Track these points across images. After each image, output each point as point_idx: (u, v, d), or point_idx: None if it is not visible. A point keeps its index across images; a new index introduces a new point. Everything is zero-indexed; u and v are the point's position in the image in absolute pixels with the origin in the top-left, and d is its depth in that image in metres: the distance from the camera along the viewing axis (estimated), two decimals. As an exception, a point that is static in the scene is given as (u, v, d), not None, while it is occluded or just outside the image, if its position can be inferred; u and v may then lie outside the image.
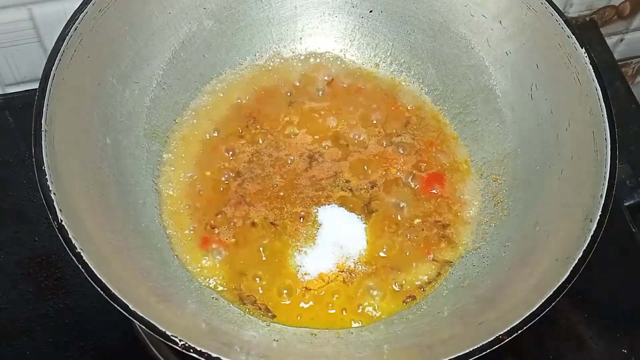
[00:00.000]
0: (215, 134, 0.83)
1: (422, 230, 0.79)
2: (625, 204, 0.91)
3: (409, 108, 0.87)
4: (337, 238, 0.78)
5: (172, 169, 0.81)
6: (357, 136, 0.85)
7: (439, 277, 0.76)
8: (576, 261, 0.61)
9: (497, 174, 0.81)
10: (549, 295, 0.60)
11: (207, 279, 0.75)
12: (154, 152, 0.80)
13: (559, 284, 0.60)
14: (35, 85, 0.66)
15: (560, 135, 0.74)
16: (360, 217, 0.79)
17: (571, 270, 0.61)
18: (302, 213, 0.79)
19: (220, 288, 0.74)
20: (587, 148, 0.69)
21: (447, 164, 0.83)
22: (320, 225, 0.78)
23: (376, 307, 0.74)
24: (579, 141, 0.72)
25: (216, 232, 0.77)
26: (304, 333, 0.72)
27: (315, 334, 0.72)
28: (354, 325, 0.73)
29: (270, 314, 0.73)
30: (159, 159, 0.81)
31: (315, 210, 0.79)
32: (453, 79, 0.86)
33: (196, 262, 0.75)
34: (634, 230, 0.90)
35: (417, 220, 0.80)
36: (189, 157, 0.82)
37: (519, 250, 0.73)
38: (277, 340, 0.70)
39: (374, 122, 0.86)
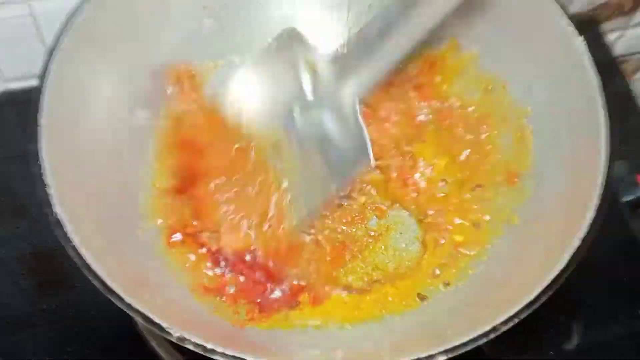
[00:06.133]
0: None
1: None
2: (624, 200, 0.90)
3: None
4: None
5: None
6: None
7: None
8: (574, 250, 0.61)
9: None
10: (545, 284, 0.60)
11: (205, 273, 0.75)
12: (154, 148, 0.81)
13: (556, 273, 0.60)
14: (36, 81, 0.66)
15: (558, 126, 0.74)
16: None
17: (569, 260, 0.61)
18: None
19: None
20: (584, 138, 0.70)
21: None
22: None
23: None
24: (576, 132, 0.72)
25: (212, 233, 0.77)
26: (309, 331, 0.72)
27: (317, 330, 0.72)
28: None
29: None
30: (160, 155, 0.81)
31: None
32: (452, 74, 0.86)
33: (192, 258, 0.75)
34: (632, 226, 0.90)
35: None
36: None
37: (516, 240, 0.73)
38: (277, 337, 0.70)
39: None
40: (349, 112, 0.69)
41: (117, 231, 0.70)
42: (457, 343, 0.57)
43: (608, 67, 1.05)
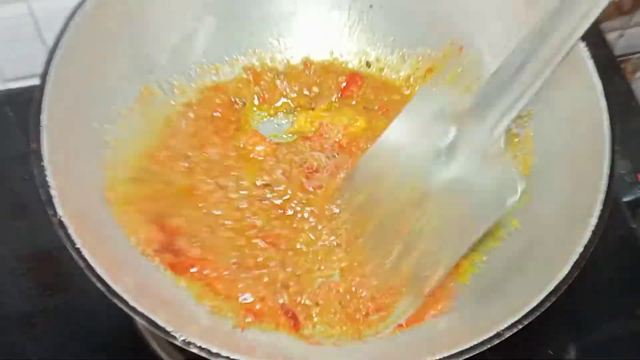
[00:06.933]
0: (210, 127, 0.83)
1: None
2: (624, 200, 0.91)
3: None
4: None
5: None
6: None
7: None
8: (576, 257, 0.61)
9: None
10: (549, 290, 0.60)
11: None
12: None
13: (559, 279, 0.60)
14: (36, 81, 0.66)
15: (559, 129, 0.74)
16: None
17: (571, 266, 0.61)
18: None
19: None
20: (585, 143, 0.70)
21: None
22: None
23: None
24: (577, 136, 0.72)
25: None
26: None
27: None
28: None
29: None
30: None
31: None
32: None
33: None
34: (633, 226, 0.90)
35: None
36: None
37: (518, 246, 0.73)
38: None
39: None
40: (494, 150, 0.69)
41: (120, 233, 0.70)
42: (460, 349, 0.57)
43: (608, 66, 1.05)
